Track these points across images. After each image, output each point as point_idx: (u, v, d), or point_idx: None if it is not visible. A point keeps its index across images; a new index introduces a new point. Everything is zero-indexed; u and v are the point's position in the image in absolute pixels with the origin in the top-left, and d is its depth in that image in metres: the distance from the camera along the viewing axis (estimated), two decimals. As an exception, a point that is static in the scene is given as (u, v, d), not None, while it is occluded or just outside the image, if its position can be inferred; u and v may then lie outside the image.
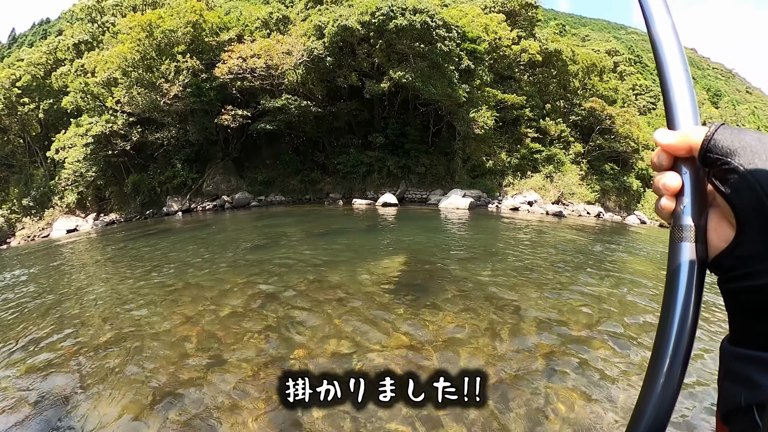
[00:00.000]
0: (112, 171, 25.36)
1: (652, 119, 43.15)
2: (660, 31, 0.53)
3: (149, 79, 23.29)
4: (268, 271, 7.42)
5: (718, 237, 0.48)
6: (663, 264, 9.03)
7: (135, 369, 4.14)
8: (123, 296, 6.55)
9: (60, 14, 56.56)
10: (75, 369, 4.25)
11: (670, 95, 0.51)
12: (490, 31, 28.94)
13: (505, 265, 8.40)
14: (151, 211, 23.84)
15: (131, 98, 23.25)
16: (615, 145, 30.29)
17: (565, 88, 33.06)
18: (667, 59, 0.52)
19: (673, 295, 0.48)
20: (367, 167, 26.35)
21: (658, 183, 0.51)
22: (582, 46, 49.62)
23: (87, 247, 13.70)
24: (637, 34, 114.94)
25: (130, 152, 24.25)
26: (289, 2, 46.54)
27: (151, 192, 24.44)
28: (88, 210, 25.27)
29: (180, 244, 11.55)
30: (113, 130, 23.15)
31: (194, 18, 24.52)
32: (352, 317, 5.19)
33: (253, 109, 24.09)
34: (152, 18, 23.51)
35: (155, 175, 24.91)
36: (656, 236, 20.28)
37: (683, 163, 0.49)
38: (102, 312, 5.91)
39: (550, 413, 3.40)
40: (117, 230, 17.76)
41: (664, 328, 0.48)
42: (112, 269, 9.01)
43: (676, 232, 0.49)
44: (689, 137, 0.48)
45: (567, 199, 27.34)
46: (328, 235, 12.05)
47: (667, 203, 0.50)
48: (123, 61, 23.05)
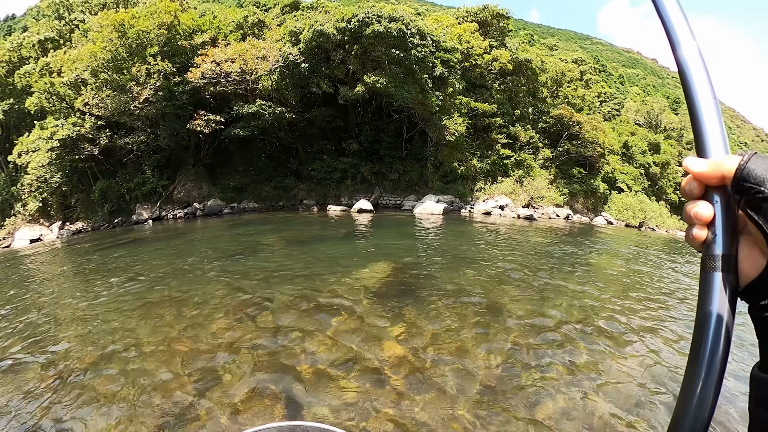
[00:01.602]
0: (78, 177, 24.38)
1: (616, 125, 44.92)
2: (687, 56, 0.53)
3: (119, 81, 22.63)
4: (248, 282, 7.28)
5: (750, 265, 0.48)
6: (630, 260, 9.67)
7: (119, 394, 3.87)
8: (95, 313, 6.22)
9: (26, 10, 54.16)
10: (52, 396, 3.96)
11: (699, 122, 0.51)
12: (463, 41, 29.70)
13: (482, 269, 8.63)
14: (120, 219, 23.01)
15: (100, 100, 22.46)
16: (582, 150, 31.57)
17: (534, 96, 34.18)
18: (695, 86, 0.52)
19: (706, 325, 0.48)
20: (342, 173, 26.44)
21: (690, 212, 0.50)
22: (550, 56, 51.28)
23: (53, 258, 13.18)
24: (601, 45, 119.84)
25: (97, 157, 23.41)
26: (264, 6, 46.31)
27: (119, 199, 23.63)
28: (52, 218, 24.25)
29: (152, 254, 11.18)
30: (80, 133, 22.26)
31: (168, 19, 23.98)
32: (340, 326, 5.20)
33: (226, 115, 23.79)
34: (125, 17, 22.84)
35: (124, 181, 24.12)
36: (622, 235, 21.32)
37: (714, 192, 0.49)
38: (75, 330, 5.60)
39: (540, 412, 3.57)
40: (84, 240, 17.03)
41: (696, 357, 0.48)
42: (81, 283, 8.61)
43: (708, 261, 0.49)
44: (722, 165, 0.48)
45: (537, 202, 28.22)
46: (306, 243, 11.91)
47: (699, 233, 0.50)
48: (92, 60, 22.36)
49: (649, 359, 4.65)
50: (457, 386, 3.88)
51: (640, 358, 4.69)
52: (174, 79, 23.22)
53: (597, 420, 3.49)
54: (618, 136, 39.85)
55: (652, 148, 42.42)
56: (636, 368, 4.43)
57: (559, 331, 5.26)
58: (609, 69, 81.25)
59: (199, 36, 25.66)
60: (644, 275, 9.59)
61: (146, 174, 24.20)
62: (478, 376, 4.07)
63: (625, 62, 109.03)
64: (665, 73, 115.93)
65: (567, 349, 4.78)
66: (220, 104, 24.41)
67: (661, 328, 5.67)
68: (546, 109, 33.53)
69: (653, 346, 5.01)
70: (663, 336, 5.39)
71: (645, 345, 5.03)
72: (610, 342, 5.06)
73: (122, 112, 22.80)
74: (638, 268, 10.49)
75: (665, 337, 5.37)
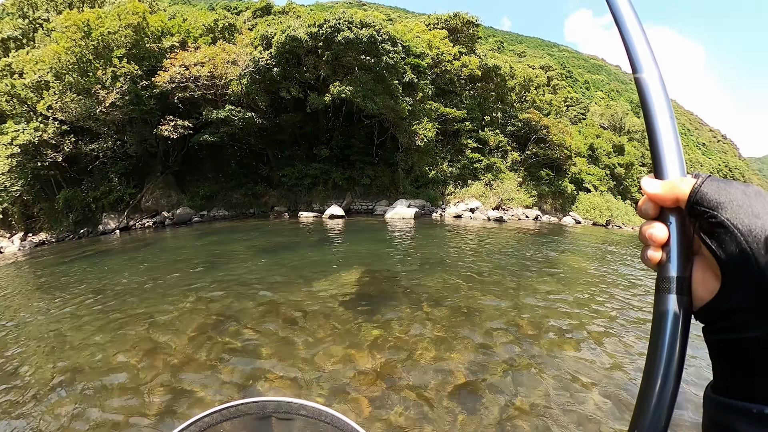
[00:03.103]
0: (41, 185, 23.40)
1: (582, 128, 46.62)
2: (648, 79, 0.53)
3: (84, 84, 21.83)
4: (220, 293, 7.20)
5: (704, 288, 0.48)
6: (595, 258, 10.17)
7: (90, 417, 3.73)
8: (61, 331, 5.96)
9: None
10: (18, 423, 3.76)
11: (657, 144, 0.51)
12: (433, 47, 30.26)
13: (455, 271, 8.86)
14: (86, 229, 22.15)
15: (64, 104, 21.56)
16: (550, 152, 32.68)
17: (503, 101, 35.09)
18: (655, 109, 0.52)
19: (658, 347, 0.48)
20: (313, 179, 26.43)
21: (645, 233, 0.51)
22: (519, 62, 52.69)
23: (15, 272, 12.70)
24: (568, 52, 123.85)
25: (61, 164, 22.52)
26: (236, 10, 45.85)
27: (85, 209, 22.77)
28: (13, 229, 23.24)
29: (119, 266, 10.89)
30: (43, 139, 21.24)
31: (136, 20, 23.29)
32: (313, 336, 5.19)
33: (195, 120, 23.38)
34: (91, 17, 22.04)
35: (90, 190, 23.27)
36: (590, 233, 22.15)
37: (670, 213, 0.50)
38: (40, 351, 5.36)
39: (515, 412, 3.72)
40: (48, 252, 16.42)
41: (649, 379, 0.48)
42: (46, 298, 8.25)
43: (662, 282, 0.49)
44: (677, 188, 0.48)
45: (506, 204, 28.96)
46: (278, 250, 11.84)
47: (653, 254, 0.50)
48: (56, 62, 21.47)
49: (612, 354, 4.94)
50: (434, 391, 3.97)
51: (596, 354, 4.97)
52: (141, 83, 22.58)
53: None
54: (584, 139, 41.36)
55: (616, 150, 44.24)
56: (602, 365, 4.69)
57: (531, 330, 5.51)
58: (575, 75, 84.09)
59: (168, 39, 25.06)
60: (610, 271, 10.14)
61: (113, 182, 23.48)
62: (453, 380, 4.17)
63: (590, 68, 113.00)
64: (628, 78, 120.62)
65: (538, 347, 5.03)
66: (188, 109, 23.99)
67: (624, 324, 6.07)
68: (514, 113, 34.51)
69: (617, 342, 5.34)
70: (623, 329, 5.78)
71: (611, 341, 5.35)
72: (581, 338, 5.34)
73: (87, 116, 22.02)
74: (605, 264, 11.09)
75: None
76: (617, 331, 5.71)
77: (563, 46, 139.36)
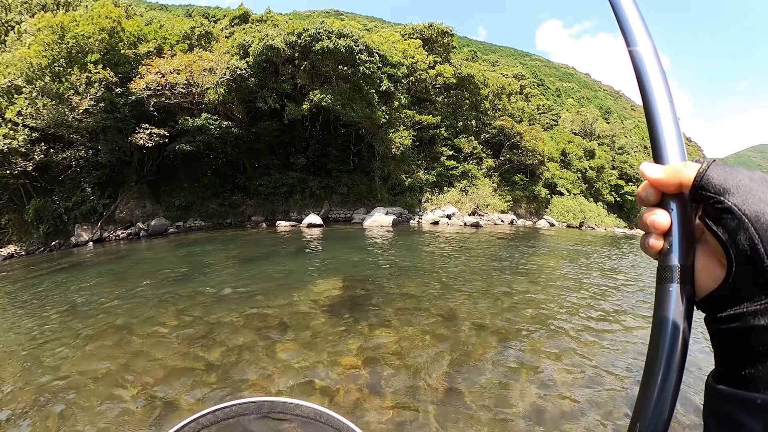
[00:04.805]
0: (9, 195, 22.62)
1: (554, 134, 48.14)
2: (643, 52, 0.52)
3: (57, 89, 21.15)
4: (199, 306, 7.13)
5: (708, 276, 0.47)
6: (570, 259, 10.81)
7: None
8: (34, 348, 5.79)
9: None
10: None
11: (657, 128, 0.50)
12: (408, 56, 30.90)
13: (431, 277, 9.09)
14: (58, 241, 21.36)
15: (35, 110, 20.81)
16: (523, 158, 33.75)
17: (477, 109, 36.02)
18: (652, 86, 0.51)
19: (661, 337, 0.47)
20: (290, 188, 26.49)
21: (646, 220, 0.49)
22: (492, 71, 54.10)
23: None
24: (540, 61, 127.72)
25: (31, 173, 21.72)
26: (213, 18, 45.55)
27: (56, 220, 22.05)
28: (-21, 241, 22.56)
29: (95, 280, 10.66)
30: (12, 146, 20.33)
31: (111, 25, 22.85)
32: (295, 346, 5.19)
33: (170, 128, 23.10)
34: (65, 20, 21.51)
35: (61, 200, 22.57)
36: (564, 235, 22.89)
37: (671, 199, 0.48)
38: (11, 370, 5.16)
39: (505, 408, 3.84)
40: (18, 266, 15.86)
41: (651, 369, 0.48)
42: (16, 315, 7.97)
43: (664, 272, 0.48)
44: (680, 172, 0.46)
45: (482, 209, 29.70)
46: (256, 260, 11.81)
47: (654, 242, 0.49)
48: (28, 66, 20.85)
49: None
50: (414, 398, 4.03)
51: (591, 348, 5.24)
52: (116, 90, 22.19)
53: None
54: (556, 145, 42.74)
55: (587, 154, 45.89)
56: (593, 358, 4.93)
57: (510, 332, 5.77)
58: (547, 83, 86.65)
59: (144, 45, 24.68)
60: (587, 270, 10.68)
61: (86, 192, 22.89)
62: (435, 385, 4.25)
63: (561, 77, 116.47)
64: (597, 86, 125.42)
65: (519, 348, 5.20)
66: (164, 117, 23.70)
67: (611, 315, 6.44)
68: (488, 121, 35.51)
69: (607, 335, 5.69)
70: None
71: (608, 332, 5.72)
72: (563, 336, 5.57)
73: (60, 123, 21.29)
74: (581, 263, 11.66)
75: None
76: (595, 324, 6.08)
77: (535, 55, 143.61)
